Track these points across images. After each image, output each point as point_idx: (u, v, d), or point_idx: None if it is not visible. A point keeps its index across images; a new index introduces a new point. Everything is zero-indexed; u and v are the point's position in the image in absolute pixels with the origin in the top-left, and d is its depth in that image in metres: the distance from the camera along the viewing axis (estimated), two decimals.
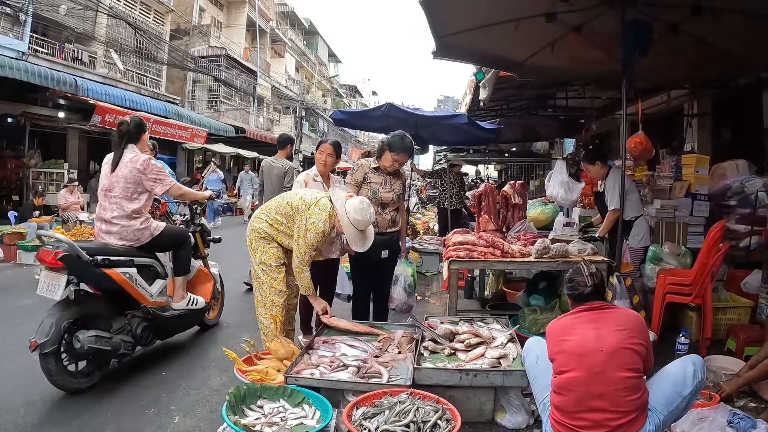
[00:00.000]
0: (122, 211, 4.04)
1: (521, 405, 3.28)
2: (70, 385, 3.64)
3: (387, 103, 7.62)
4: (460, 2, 4.20)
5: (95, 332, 3.71)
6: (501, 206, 6.04)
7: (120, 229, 4.05)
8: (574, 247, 4.66)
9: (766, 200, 5.40)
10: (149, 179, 4.13)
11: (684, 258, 5.29)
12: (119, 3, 17.60)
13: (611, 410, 2.47)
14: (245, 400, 3.03)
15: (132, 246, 4.11)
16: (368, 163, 4.52)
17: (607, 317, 2.65)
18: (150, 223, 4.22)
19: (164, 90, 20.25)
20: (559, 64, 5.51)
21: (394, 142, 4.38)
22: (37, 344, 3.42)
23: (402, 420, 2.70)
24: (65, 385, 3.61)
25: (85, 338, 3.63)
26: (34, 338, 3.46)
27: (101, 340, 3.72)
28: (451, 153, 14.14)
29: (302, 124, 31.77)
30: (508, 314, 4.57)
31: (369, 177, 4.45)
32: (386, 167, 4.44)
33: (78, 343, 3.62)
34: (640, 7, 4.14)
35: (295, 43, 38.97)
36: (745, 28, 4.36)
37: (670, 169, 6.63)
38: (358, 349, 3.74)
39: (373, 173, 4.47)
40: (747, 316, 4.90)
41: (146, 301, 4.13)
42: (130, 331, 4.04)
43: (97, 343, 3.68)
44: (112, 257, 3.87)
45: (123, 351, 3.91)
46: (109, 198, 4.06)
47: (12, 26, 13.05)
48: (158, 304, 4.26)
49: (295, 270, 3.92)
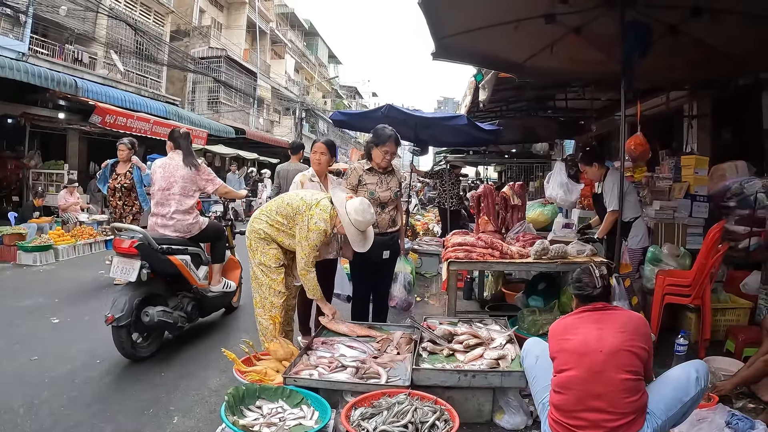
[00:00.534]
0: (180, 207, 4.77)
1: (520, 406, 3.28)
2: (135, 353, 4.29)
3: (386, 104, 7.63)
4: (460, 3, 4.20)
5: (162, 308, 4.42)
6: (500, 207, 6.04)
7: (175, 222, 4.76)
8: (573, 249, 4.66)
9: (766, 201, 5.39)
10: (203, 179, 4.94)
11: (683, 259, 5.28)
12: (119, 4, 17.62)
13: (609, 411, 2.47)
14: (244, 400, 3.03)
15: (183, 237, 4.83)
16: (361, 166, 4.53)
17: (610, 318, 2.65)
18: (199, 218, 4.95)
19: (164, 91, 20.24)
20: (559, 65, 5.51)
21: (378, 135, 4.43)
22: (114, 318, 4.06)
23: (400, 420, 2.71)
24: (132, 354, 4.26)
25: (154, 312, 4.32)
26: (110, 313, 4.07)
27: (167, 314, 4.41)
28: (451, 154, 14.14)
29: (302, 126, 31.79)
30: (507, 315, 4.57)
31: (364, 179, 4.45)
32: (379, 164, 4.45)
33: (147, 317, 4.29)
34: (639, 8, 4.14)
35: (295, 45, 39.00)
36: (745, 29, 4.35)
37: (669, 170, 6.62)
38: (356, 350, 3.75)
39: (367, 175, 4.47)
40: (746, 317, 4.90)
41: (195, 283, 4.87)
42: (183, 308, 4.70)
43: (163, 317, 4.36)
44: (172, 246, 4.64)
45: (179, 325, 4.59)
46: (167, 196, 4.78)
47: (12, 27, 13.06)
48: (203, 286, 5.00)
49: (301, 273, 3.93)
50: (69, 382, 3.91)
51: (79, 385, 3.88)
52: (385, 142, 4.38)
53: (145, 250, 4.35)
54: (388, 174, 4.53)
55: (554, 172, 7.56)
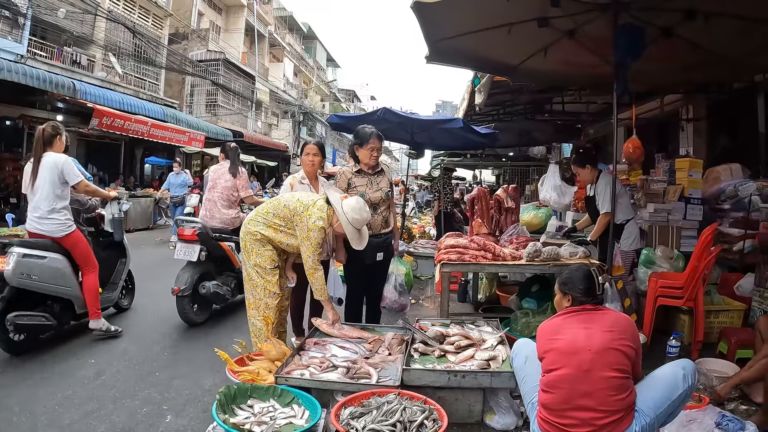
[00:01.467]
0: (225, 203, 5.83)
1: (510, 406, 3.29)
2: (193, 319, 5.38)
3: (382, 107, 7.65)
4: (453, 7, 4.20)
5: (215, 282, 5.50)
6: (494, 210, 6.06)
7: (221, 216, 5.81)
8: (566, 251, 4.68)
9: (760, 204, 5.41)
10: (240, 184, 5.90)
11: (677, 261, 5.29)
12: (118, 6, 17.65)
13: (598, 409, 2.48)
14: (235, 399, 3.04)
15: (227, 228, 5.81)
16: (349, 169, 4.54)
17: (598, 318, 2.67)
18: (240, 214, 5.88)
19: (162, 94, 20.27)
20: (553, 68, 5.54)
21: (359, 136, 4.45)
22: (180, 289, 5.19)
23: (389, 420, 2.71)
24: (190, 320, 5.36)
25: (210, 285, 5.41)
26: (176, 286, 5.20)
27: (218, 287, 5.48)
28: (448, 158, 14.18)
29: (300, 129, 31.80)
30: (500, 317, 4.58)
31: (353, 182, 4.46)
32: (367, 164, 4.46)
33: (203, 289, 5.37)
34: (632, 11, 4.15)
35: (294, 48, 39.06)
36: (739, 32, 4.37)
37: (663, 173, 6.64)
38: (348, 350, 3.76)
39: (356, 177, 4.48)
40: (740, 319, 4.90)
41: (237, 264, 5.72)
42: (228, 285, 5.72)
43: (216, 289, 5.43)
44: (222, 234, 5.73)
45: (226, 297, 5.63)
46: (215, 195, 5.84)
47: (11, 29, 13.08)
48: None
49: (308, 273, 3.94)
50: (63, 382, 3.92)
51: (72, 384, 3.88)
52: (368, 140, 4.39)
53: (203, 236, 5.44)
54: (377, 174, 4.54)
55: (548, 174, 7.59)
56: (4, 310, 4.23)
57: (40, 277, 4.43)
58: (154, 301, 6.25)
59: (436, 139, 9.07)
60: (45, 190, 4.56)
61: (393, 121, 7.44)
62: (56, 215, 4.61)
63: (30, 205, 4.67)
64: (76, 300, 4.76)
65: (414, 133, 8.25)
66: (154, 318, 5.70)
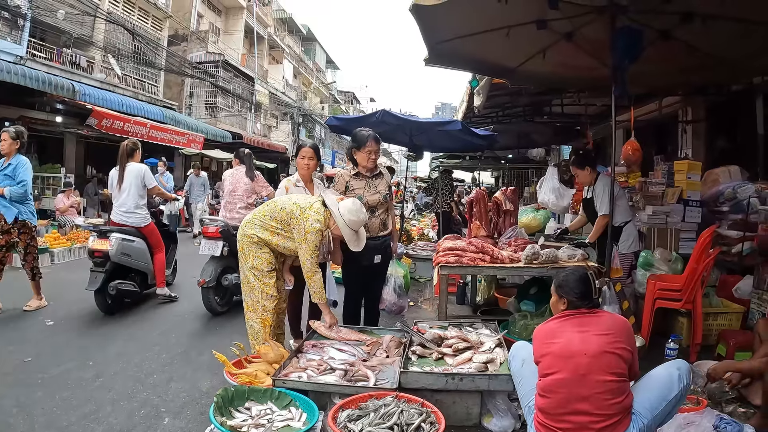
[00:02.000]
0: (243, 204, 6.39)
1: (508, 409, 3.28)
2: (217, 309, 5.88)
3: (381, 109, 7.66)
4: (451, 10, 4.21)
5: (237, 274, 5.47)
6: (492, 212, 6.06)
7: (240, 216, 6.09)
8: (564, 253, 4.68)
9: (758, 206, 5.41)
10: (259, 186, 6.56)
11: (675, 264, 5.30)
12: (117, 8, 17.66)
13: (594, 413, 2.47)
14: (233, 401, 3.04)
15: None
16: (347, 172, 4.54)
17: (593, 321, 2.66)
18: None
19: (162, 95, 20.24)
20: (551, 70, 5.55)
21: (357, 139, 4.45)
22: (205, 281, 5.71)
23: (386, 422, 2.71)
24: (214, 309, 5.86)
25: (232, 277, 5.93)
26: (201, 278, 5.74)
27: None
28: (447, 160, 14.18)
29: (299, 131, 31.79)
30: (498, 320, 4.57)
31: (351, 185, 4.46)
32: (365, 166, 4.46)
33: (226, 281, 5.94)
34: (630, 14, 4.16)
35: (293, 50, 39.06)
36: (737, 34, 4.38)
37: (662, 175, 6.64)
38: (346, 353, 3.76)
39: (353, 180, 4.48)
40: (738, 321, 4.91)
41: None
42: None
43: (238, 281, 5.19)
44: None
45: None
46: (234, 197, 6.46)
47: (10, 30, 13.08)
48: None
49: (306, 275, 3.94)
50: (62, 384, 3.92)
51: (71, 386, 3.88)
52: (365, 143, 4.39)
53: (225, 233, 5.92)
54: (375, 177, 4.53)
55: (547, 177, 7.59)
56: (106, 279, 5.65)
57: (132, 255, 5.94)
58: (153, 303, 6.29)
59: (435, 141, 9.08)
60: (131, 192, 6.00)
61: (392, 123, 7.44)
62: (139, 210, 6.08)
63: (116, 202, 6.10)
64: (149, 273, 6.24)
65: (413, 135, 8.26)
66: (152, 320, 5.72)
